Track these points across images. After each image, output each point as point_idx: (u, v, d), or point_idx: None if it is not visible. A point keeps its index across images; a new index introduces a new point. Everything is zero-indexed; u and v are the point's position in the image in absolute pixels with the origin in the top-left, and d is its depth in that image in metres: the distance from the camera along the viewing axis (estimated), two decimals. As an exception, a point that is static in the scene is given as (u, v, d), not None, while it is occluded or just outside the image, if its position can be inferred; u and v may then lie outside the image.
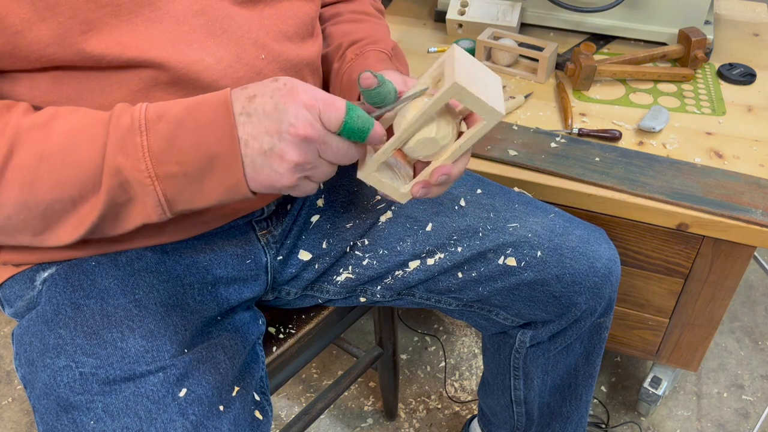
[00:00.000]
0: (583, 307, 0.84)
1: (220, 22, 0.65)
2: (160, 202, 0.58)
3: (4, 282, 0.73)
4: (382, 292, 0.85)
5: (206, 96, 0.58)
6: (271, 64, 0.69)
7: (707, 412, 1.36)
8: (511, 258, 0.81)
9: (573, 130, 1.05)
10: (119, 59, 0.60)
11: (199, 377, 0.67)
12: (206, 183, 0.57)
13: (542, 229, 0.82)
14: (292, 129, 0.54)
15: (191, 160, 0.56)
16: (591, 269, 0.81)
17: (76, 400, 0.63)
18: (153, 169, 0.56)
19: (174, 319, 0.69)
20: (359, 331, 1.56)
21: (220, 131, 0.55)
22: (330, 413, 1.40)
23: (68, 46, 0.58)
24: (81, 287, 0.68)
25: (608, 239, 0.86)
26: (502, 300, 0.85)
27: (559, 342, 0.90)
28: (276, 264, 0.82)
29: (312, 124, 0.55)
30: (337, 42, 0.82)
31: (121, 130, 0.56)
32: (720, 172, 0.98)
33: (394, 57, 0.82)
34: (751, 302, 1.59)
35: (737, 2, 1.44)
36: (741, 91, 1.16)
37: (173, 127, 0.56)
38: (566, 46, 1.27)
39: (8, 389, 1.46)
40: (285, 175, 0.57)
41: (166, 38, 0.61)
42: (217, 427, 0.66)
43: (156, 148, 0.56)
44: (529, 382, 0.96)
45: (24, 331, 0.69)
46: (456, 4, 1.32)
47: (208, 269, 0.74)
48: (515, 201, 0.85)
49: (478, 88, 0.56)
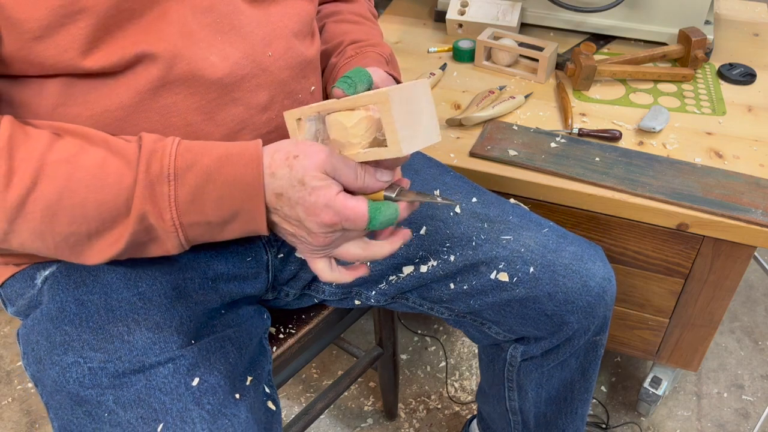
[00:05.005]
0: (575, 326, 0.82)
1: (229, 19, 0.65)
2: (181, 244, 0.60)
3: (5, 281, 0.73)
4: (376, 297, 0.85)
5: (238, 146, 0.59)
6: (277, 61, 0.69)
7: (707, 412, 1.36)
8: (504, 273, 0.80)
9: (573, 130, 1.05)
10: (129, 55, 0.60)
11: (210, 367, 0.68)
12: (227, 228, 0.61)
13: (535, 244, 0.81)
14: (312, 236, 0.60)
15: (216, 212, 0.59)
16: (584, 288, 0.80)
17: (87, 394, 0.64)
18: (178, 219, 0.58)
19: (179, 310, 0.70)
20: (359, 331, 1.56)
21: (249, 191, 0.58)
22: (330, 413, 1.40)
23: (85, 52, 0.58)
24: (84, 283, 0.68)
25: (604, 257, 0.84)
26: (493, 315, 0.84)
27: (552, 358, 0.89)
28: (277, 262, 0.82)
29: (332, 235, 0.60)
30: (338, 40, 0.83)
31: (150, 177, 0.57)
32: (720, 172, 0.98)
33: (391, 62, 0.83)
34: (751, 302, 1.59)
35: (737, 2, 1.44)
36: (741, 91, 1.16)
37: (202, 181, 0.57)
38: (566, 46, 1.27)
39: (8, 389, 1.46)
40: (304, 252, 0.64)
41: (175, 34, 0.62)
42: (235, 415, 0.66)
43: (183, 199, 0.57)
44: (523, 394, 0.95)
45: (29, 330, 0.69)
46: (456, 4, 1.32)
47: (209, 264, 0.74)
48: (510, 213, 0.84)
49: (402, 115, 0.57)
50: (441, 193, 0.85)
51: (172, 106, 0.64)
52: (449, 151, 1.04)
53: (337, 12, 0.88)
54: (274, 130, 0.72)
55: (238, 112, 0.68)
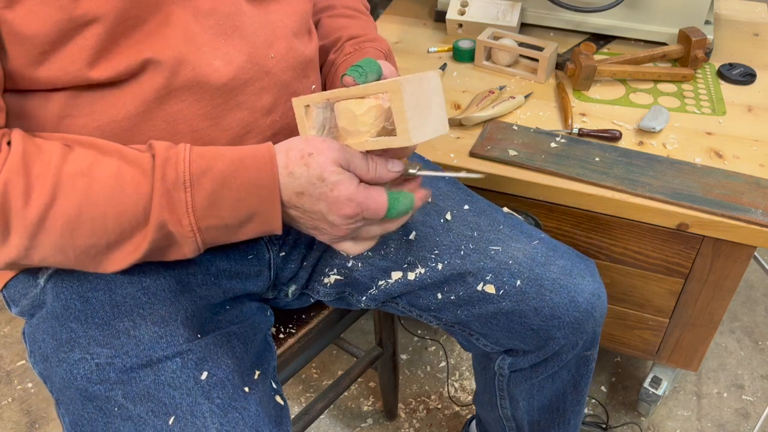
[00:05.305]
0: (562, 342, 0.81)
1: (231, 20, 0.65)
2: (198, 247, 0.61)
3: (8, 282, 0.73)
4: (366, 302, 0.85)
5: (251, 149, 0.60)
6: (280, 63, 0.70)
7: (707, 412, 1.36)
8: (490, 285, 0.79)
9: (573, 130, 1.05)
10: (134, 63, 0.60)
11: (218, 360, 0.68)
12: (243, 230, 0.61)
13: (524, 256, 0.79)
14: (334, 229, 0.61)
15: (232, 215, 0.59)
16: (571, 303, 0.78)
17: (95, 390, 0.64)
18: (195, 224, 0.59)
19: (184, 303, 0.70)
20: (359, 331, 1.56)
21: (264, 194, 0.59)
22: (330, 413, 1.40)
23: (92, 63, 0.58)
24: (87, 280, 0.68)
25: (595, 272, 0.82)
26: (480, 326, 0.83)
27: (540, 371, 0.88)
28: (279, 260, 0.82)
29: (354, 225, 0.61)
30: (335, 36, 0.83)
31: (166, 185, 0.57)
32: (720, 172, 0.98)
33: (389, 58, 0.83)
34: (751, 302, 1.59)
35: (737, 2, 1.44)
36: (741, 91, 1.16)
37: (218, 186, 0.58)
38: (566, 46, 1.27)
39: (8, 389, 1.46)
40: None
41: (178, 38, 0.62)
42: (245, 408, 0.66)
43: (200, 204, 0.58)
44: (514, 403, 0.95)
45: (35, 328, 0.69)
46: (456, 4, 1.32)
47: (211, 261, 0.74)
48: (501, 222, 0.83)
49: (413, 106, 0.58)
50: (434, 198, 0.84)
51: (178, 113, 0.64)
52: (449, 151, 1.04)
53: (332, 6, 0.88)
54: (279, 132, 0.72)
55: (243, 116, 0.68)
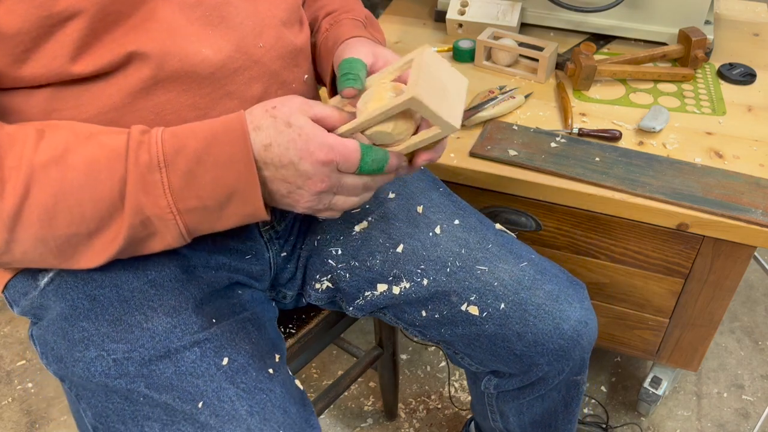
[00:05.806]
0: (545, 369, 0.80)
1: (218, 11, 0.65)
2: (181, 233, 0.60)
3: (8, 282, 0.73)
4: (354, 312, 0.85)
5: (223, 124, 0.58)
6: (269, 52, 0.69)
7: (707, 412, 1.36)
8: (474, 306, 0.77)
9: (573, 130, 1.05)
10: (118, 57, 0.59)
11: (236, 347, 0.68)
12: (225, 212, 0.60)
13: (510, 278, 0.77)
14: (309, 183, 0.59)
15: (211, 195, 0.58)
16: (556, 330, 0.76)
17: (116, 384, 0.64)
18: (174, 205, 0.58)
19: (192, 292, 0.70)
20: (359, 331, 1.56)
21: (240, 169, 0.58)
22: (330, 413, 1.40)
23: (74, 57, 0.58)
24: (92, 279, 0.68)
25: (584, 297, 0.80)
26: (464, 347, 0.82)
27: (527, 393, 0.86)
28: (279, 260, 0.82)
29: (328, 176, 0.59)
30: (315, 16, 0.83)
31: (140, 168, 0.56)
32: (720, 172, 0.98)
33: (369, 25, 0.82)
34: (751, 302, 1.59)
35: (737, 2, 1.44)
36: (741, 91, 1.16)
37: (192, 164, 0.57)
38: (566, 46, 1.27)
39: (8, 389, 1.46)
40: (302, 210, 0.62)
41: (164, 31, 0.61)
42: (271, 390, 0.66)
43: (176, 184, 0.57)
44: (505, 418, 0.94)
45: (44, 330, 0.69)
46: (456, 4, 1.32)
47: (211, 254, 0.74)
48: (490, 241, 0.81)
49: (436, 101, 0.58)
50: (424, 210, 0.82)
51: (166, 104, 0.64)
52: (449, 151, 1.04)
53: None
54: None
55: (233, 105, 0.67)
